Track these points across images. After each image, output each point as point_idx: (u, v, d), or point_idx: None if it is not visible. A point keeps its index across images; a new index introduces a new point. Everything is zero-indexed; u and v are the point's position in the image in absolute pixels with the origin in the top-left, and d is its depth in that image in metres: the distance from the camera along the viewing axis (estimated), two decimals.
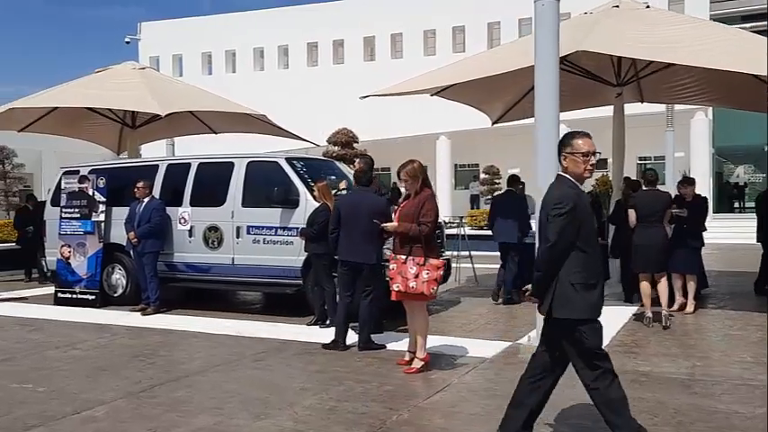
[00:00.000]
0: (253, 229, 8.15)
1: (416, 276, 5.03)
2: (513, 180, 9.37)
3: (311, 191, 7.92)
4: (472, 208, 23.33)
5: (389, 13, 26.05)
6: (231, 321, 7.68)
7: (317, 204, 7.40)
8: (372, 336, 6.18)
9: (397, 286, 5.09)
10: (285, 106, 21.37)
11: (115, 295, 9.24)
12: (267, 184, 8.28)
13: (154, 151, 17.20)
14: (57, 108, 12.58)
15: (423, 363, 5.29)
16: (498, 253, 9.04)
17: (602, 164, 8.99)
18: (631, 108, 10.75)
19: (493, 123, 12.65)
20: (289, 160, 8.29)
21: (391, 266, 5.19)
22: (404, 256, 5.12)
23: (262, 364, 5.73)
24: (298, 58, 28.13)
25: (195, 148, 15.18)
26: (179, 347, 6.46)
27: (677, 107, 18.41)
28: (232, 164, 8.51)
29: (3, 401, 4.71)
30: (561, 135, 3.81)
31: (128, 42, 29.25)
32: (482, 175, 22.68)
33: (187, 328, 7.31)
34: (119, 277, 9.24)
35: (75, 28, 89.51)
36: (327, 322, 7.22)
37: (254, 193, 8.34)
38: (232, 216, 8.28)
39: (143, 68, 12.20)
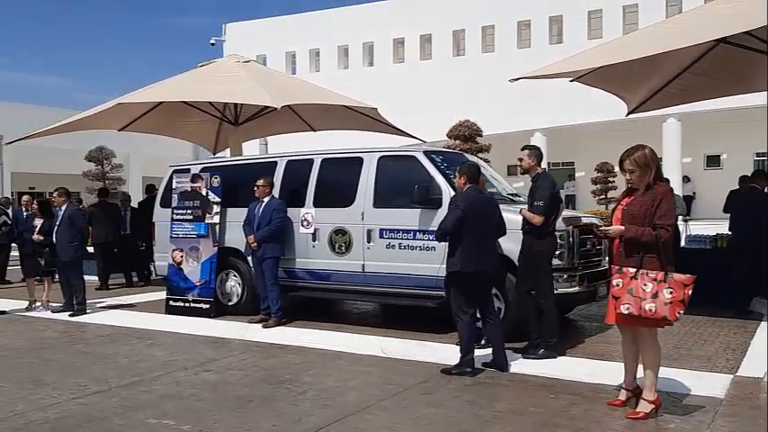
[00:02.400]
0: (387, 232, 7.18)
1: (655, 296, 3.88)
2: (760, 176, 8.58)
3: (455, 188, 6.90)
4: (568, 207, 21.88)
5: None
6: (371, 338, 6.74)
7: None
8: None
9: (627, 308, 3.95)
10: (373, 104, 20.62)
11: (230, 304, 8.49)
12: (403, 182, 7.30)
13: (244, 151, 16.69)
14: (158, 105, 12.15)
15: (653, 406, 4.14)
16: None
17: None
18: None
19: (628, 113, 11.30)
20: (427, 154, 7.27)
21: (615, 282, 4.05)
22: (633, 269, 3.98)
23: (433, 398, 4.72)
24: (383, 54, 27.29)
25: (284, 146, 14.48)
26: (325, 371, 5.53)
27: None
28: (360, 159, 7.57)
29: None
30: None
31: (213, 44, 29.28)
32: (595, 174, 21.13)
33: (325, 346, 6.39)
34: (234, 284, 8.47)
35: (151, 35, 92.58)
36: (483, 342, 6.19)
37: (388, 191, 7.38)
38: (362, 218, 7.34)
39: (247, 62, 11.51)
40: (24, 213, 12.10)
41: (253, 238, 7.67)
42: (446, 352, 6.10)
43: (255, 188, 7.73)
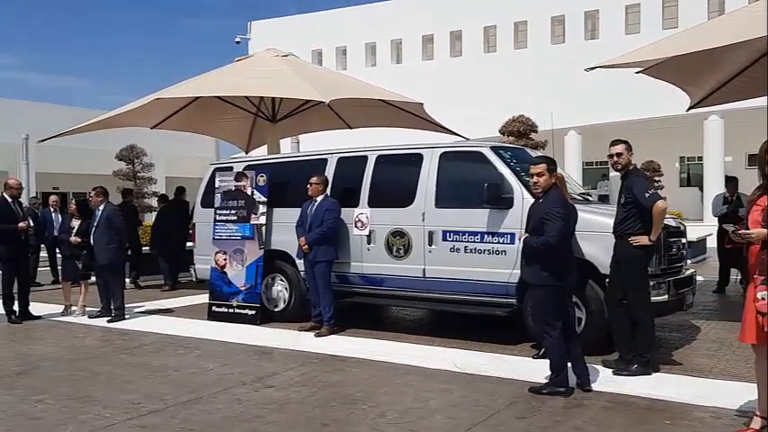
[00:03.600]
0: (451, 234, 6.64)
1: None
2: None
3: (527, 187, 6.35)
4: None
5: None
6: (436, 350, 6.21)
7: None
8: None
9: None
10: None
11: (276, 310, 8.00)
12: (469, 180, 6.81)
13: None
14: (192, 102, 11.75)
15: None
16: None
17: None
18: None
19: (689, 108, 10.68)
20: (495, 149, 6.73)
21: (761, 295, 3.48)
22: None
23: (533, 424, 4.17)
24: (412, 51, 26.75)
25: (315, 144, 13.98)
26: (398, 389, 5.00)
27: None
28: (420, 156, 7.04)
29: None
30: None
31: (238, 42, 28.91)
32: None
33: (389, 358, 5.86)
34: (280, 290, 7.98)
35: (167, 37, 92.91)
36: (541, 353, 5.66)
37: (452, 190, 6.85)
38: (423, 219, 6.81)
39: (285, 56, 11.04)
40: (52, 214, 11.78)
41: (303, 240, 7.18)
42: (524, 366, 5.57)
43: (309, 186, 7.23)
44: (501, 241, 6.33)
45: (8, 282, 8.08)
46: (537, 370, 5.39)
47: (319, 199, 7.25)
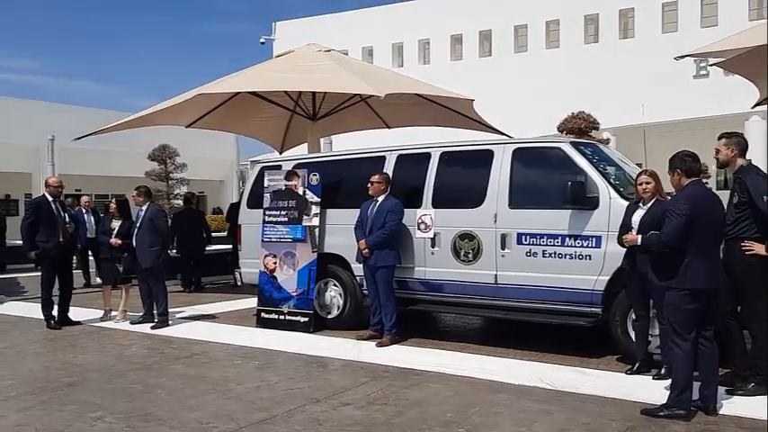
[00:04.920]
0: (527, 237, 6.13)
1: None
2: None
3: (614, 186, 5.85)
4: None
5: None
6: (515, 363, 5.70)
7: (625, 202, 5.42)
8: None
9: None
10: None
11: (329, 317, 7.53)
12: (547, 178, 6.32)
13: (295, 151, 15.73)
14: (228, 101, 11.35)
15: None
16: None
17: None
18: None
19: (754, 106, 10.10)
20: (575, 145, 6.22)
21: None
22: None
23: None
24: (440, 51, 26.27)
25: (347, 144, 13.51)
26: (492, 409, 4.50)
27: None
28: (490, 152, 6.54)
29: None
30: None
31: (263, 43, 28.62)
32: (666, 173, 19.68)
33: (468, 372, 5.36)
34: (334, 295, 7.51)
35: (183, 41, 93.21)
36: (662, 371, 5.11)
37: (528, 189, 6.37)
38: (495, 220, 6.31)
39: (328, 50, 10.61)
40: (84, 215, 11.42)
41: (364, 243, 6.71)
42: (620, 382, 5.06)
43: (369, 185, 6.76)
44: (585, 245, 5.82)
45: (48, 285, 7.68)
46: (636, 387, 4.90)
47: (381, 199, 6.78)
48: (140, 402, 4.72)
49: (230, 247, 12.17)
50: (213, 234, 12.97)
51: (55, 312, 7.77)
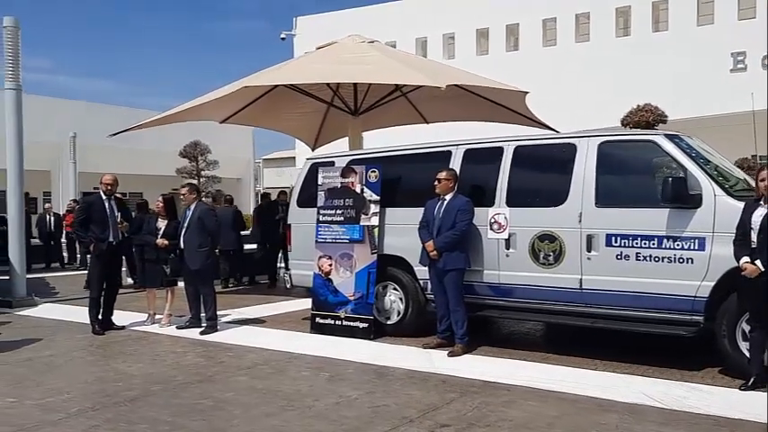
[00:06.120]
0: (618, 238, 5.64)
1: None
2: None
3: (717, 182, 5.36)
4: None
5: None
6: (616, 378, 5.21)
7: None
8: None
9: None
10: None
11: (389, 323, 7.08)
12: (640, 174, 5.86)
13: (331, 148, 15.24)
14: (263, 96, 10.94)
15: None
16: None
17: None
18: None
19: None
20: (671, 137, 5.72)
21: None
22: None
23: None
24: (465, 45, 25.71)
25: (376, 141, 13.03)
26: None
27: None
28: (573, 146, 6.06)
29: None
30: None
31: (283, 38, 28.16)
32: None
33: (566, 389, 4.89)
34: (394, 300, 7.06)
35: (195, 40, 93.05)
36: None
37: (617, 186, 5.90)
38: (579, 220, 5.82)
39: (372, 42, 10.15)
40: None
41: (432, 244, 6.24)
42: (732, 399, 4.59)
43: (436, 182, 6.30)
44: (686, 247, 5.33)
45: (98, 285, 7.29)
46: (754, 404, 4.41)
47: (448, 197, 6.31)
48: (216, 422, 4.29)
49: (255, 246, 12.00)
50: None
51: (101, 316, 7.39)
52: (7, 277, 9.81)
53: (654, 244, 5.47)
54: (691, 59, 20.33)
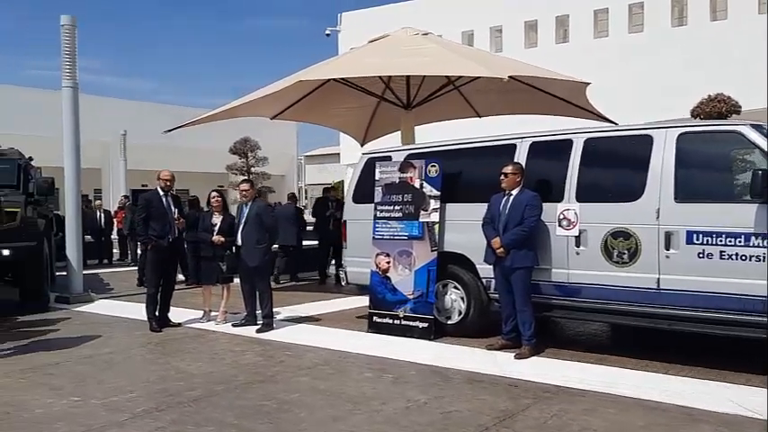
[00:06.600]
0: (700, 236, 5.28)
1: None
2: None
3: None
4: None
5: None
6: (701, 384, 4.88)
7: None
8: None
9: None
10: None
11: (449, 323, 6.85)
12: (724, 167, 5.50)
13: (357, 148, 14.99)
14: (313, 91, 10.81)
15: None
16: None
17: None
18: None
19: None
20: (757, 128, 5.32)
21: None
22: None
23: None
24: (513, 38, 25.20)
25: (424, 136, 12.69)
26: None
27: None
28: (649, 138, 5.71)
29: None
30: None
31: (328, 34, 28.15)
32: None
33: (649, 396, 4.58)
34: (455, 299, 6.82)
35: (236, 38, 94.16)
36: None
37: (698, 180, 5.53)
38: (657, 216, 5.48)
39: (426, 34, 9.90)
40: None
41: (498, 241, 5.98)
42: None
43: (502, 177, 6.03)
44: None
45: (155, 282, 7.27)
46: None
47: (515, 192, 6.04)
48: (283, 425, 4.13)
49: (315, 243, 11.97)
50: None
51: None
52: (65, 273, 9.95)
53: (741, 241, 5.09)
54: (749, 48, 19.42)
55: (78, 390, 4.95)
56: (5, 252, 8.03)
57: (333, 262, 11.52)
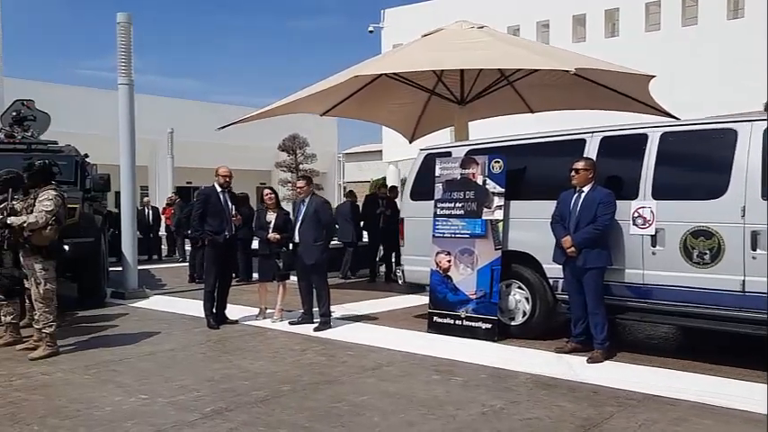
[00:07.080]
0: None
1: None
2: None
3: None
4: None
5: None
6: None
7: None
8: None
9: None
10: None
11: (513, 324, 6.63)
12: None
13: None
14: (365, 86, 10.67)
15: None
16: None
17: None
18: None
19: None
20: None
21: None
22: None
23: None
24: (561, 33, 24.65)
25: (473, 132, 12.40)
26: None
27: None
28: (733, 132, 5.39)
29: None
30: None
31: (371, 31, 27.97)
32: None
33: (736, 404, 4.30)
34: (519, 299, 6.60)
35: (278, 38, 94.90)
36: None
37: None
38: (742, 215, 5.17)
39: (481, 27, 9.66)
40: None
41: (569, 240, 5.73)
42: None
43: (573, 173, 5.78)
44: None
45: (213, 279, 7.23)
46: None
47: (587, 189, 5.78)
48: (358, 429, 3.99)
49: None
50: None
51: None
52: (120, 268, 10.05)
53: None
54: None
55: (145, 387, 4.90)
56: (65, 248, 8.09)
57: (378, 260, 11.54)
